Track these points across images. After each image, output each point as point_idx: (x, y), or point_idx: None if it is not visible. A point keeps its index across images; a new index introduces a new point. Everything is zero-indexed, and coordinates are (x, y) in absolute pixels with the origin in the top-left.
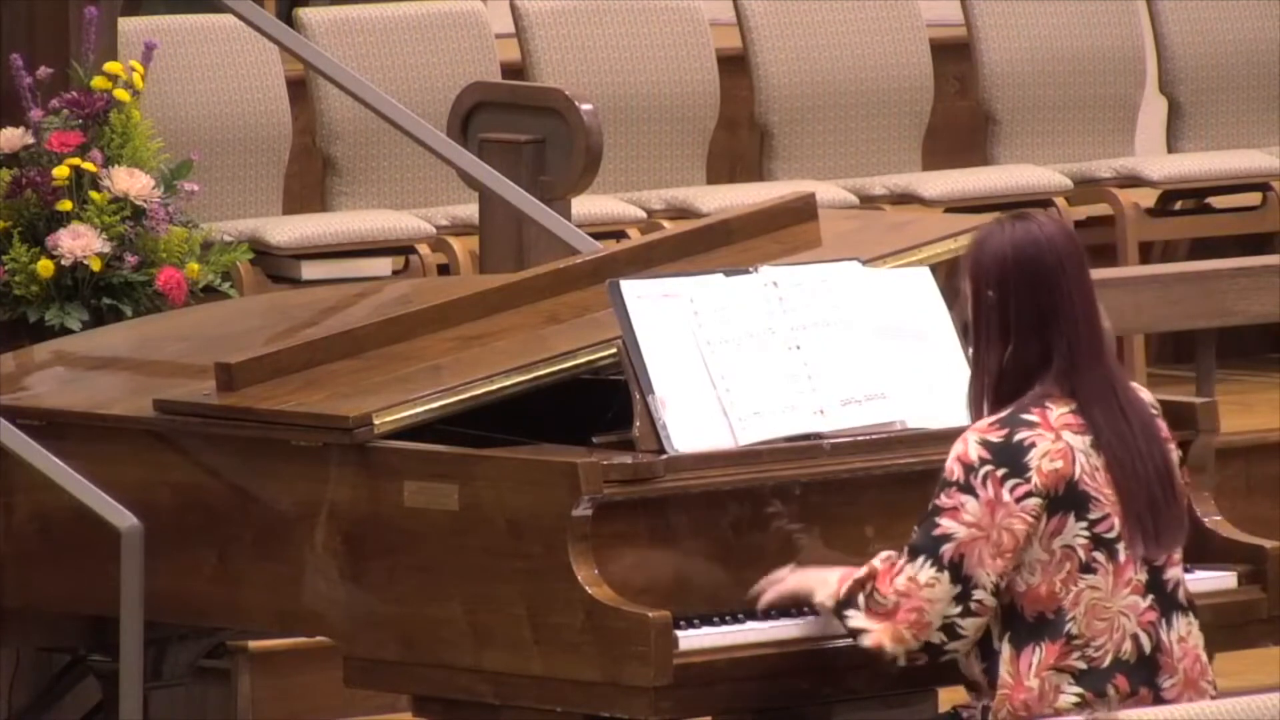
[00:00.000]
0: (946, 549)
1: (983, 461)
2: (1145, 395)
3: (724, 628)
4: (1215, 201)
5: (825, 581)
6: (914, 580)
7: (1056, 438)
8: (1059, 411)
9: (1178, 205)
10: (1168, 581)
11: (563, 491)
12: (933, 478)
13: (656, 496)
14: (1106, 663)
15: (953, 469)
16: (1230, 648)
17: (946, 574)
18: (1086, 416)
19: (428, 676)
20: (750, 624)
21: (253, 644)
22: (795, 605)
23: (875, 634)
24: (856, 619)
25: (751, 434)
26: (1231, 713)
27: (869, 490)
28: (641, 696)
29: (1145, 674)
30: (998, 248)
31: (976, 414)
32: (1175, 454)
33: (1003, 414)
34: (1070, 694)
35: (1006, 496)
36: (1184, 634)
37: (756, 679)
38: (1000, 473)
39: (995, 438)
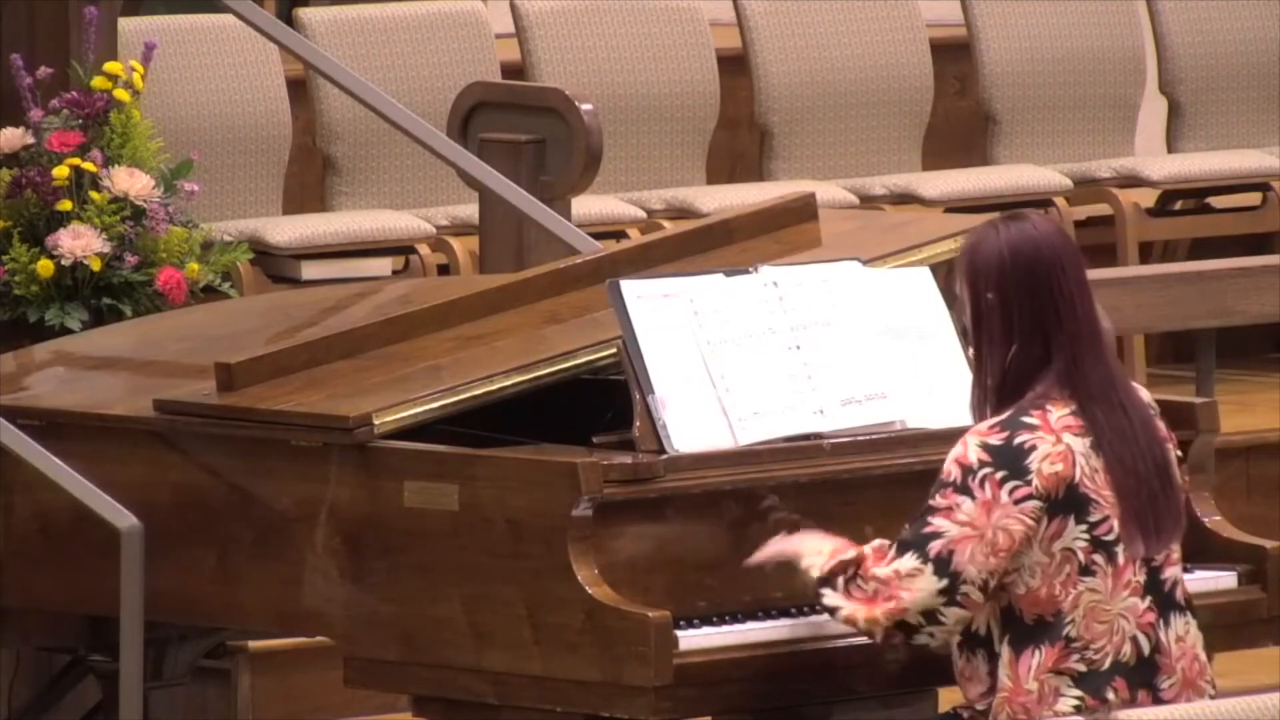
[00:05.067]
0: (934, 545)
1: (982, 464)
2: (1144, 395)
3: (724, 628)
4: (1215, 201)
5: (818, 551)
6: (897, 571)
7: (1057, 440)
8: (1059, 413)
9: (1178, 205)
10: (1165, 581)
11: (563, 491)
12: (933, 478)
13: (656, 496)
14: (1106, 665)
15: (950, 470)
16: (1230, 648)
17: (930, 566)
18: (1087, 415)
19: (428, 676)
20: (750, 624)
21: (253, 644)
22: (783, 563)
23: (848, 611)
24: (831, 598)
25: (751, 434)
26: (1231, 713)
27: (869, 490)
28: (641, 696)
29: (1144, 676)
30: (994, 249)
31: (980, 417)
32: (1174, 453)
33: (1002, 417)
34: (1070, 697)
35: (1005, 498)
36: (1182, 633)
37: (756, 679)
38: (1000, 475)
39: (995, 440)
